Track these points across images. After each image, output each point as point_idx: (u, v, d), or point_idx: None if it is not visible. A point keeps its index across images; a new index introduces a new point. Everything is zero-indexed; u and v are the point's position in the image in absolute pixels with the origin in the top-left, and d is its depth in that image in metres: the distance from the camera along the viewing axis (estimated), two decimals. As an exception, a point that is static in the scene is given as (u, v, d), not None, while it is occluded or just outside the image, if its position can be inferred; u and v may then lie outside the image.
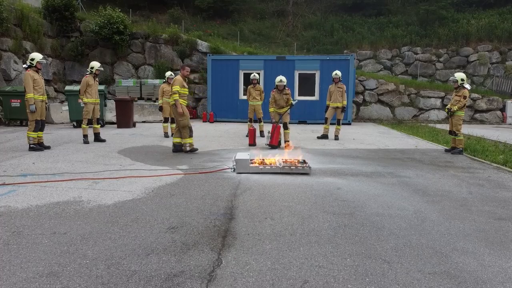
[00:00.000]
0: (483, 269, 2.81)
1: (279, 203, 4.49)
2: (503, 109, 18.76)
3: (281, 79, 9.24)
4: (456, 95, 8.71)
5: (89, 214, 3.92)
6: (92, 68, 9.27)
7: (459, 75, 8.69)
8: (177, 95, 7.78)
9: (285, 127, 9.26)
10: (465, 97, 8.59)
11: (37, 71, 7.80)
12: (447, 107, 9.04)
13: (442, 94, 18.87)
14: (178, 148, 8.08)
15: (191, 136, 8.04)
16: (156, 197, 4.61)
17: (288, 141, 8.84)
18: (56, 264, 2.76)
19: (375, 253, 3.04)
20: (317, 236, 3.41)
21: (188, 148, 8.01)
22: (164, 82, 11.21)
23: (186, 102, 8.18)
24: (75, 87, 12.83)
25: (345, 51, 21.83)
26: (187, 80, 8.37)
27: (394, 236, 3.45)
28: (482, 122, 18.60)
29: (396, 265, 2.84)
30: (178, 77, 7.96)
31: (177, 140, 8.08)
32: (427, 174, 6.33)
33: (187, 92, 8.23)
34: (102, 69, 9.66)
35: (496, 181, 5.93)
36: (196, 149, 8.13)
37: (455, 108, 8.63)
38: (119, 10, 18.56)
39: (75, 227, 3.54)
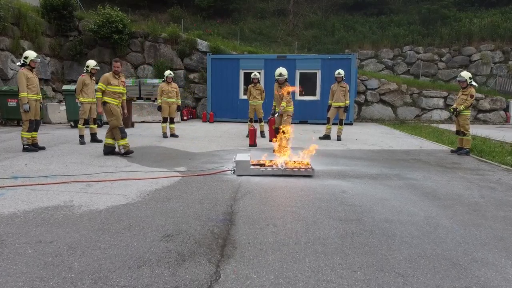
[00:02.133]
0: (508, 284, 2.56)
1: (282, 207, 4.25)
2: (506, 109, 18.51)
3: (280, 72, 8.44)
4: (462, 94, 8.47)
5: (79, 221, 3.67)
6: (87, 67, 9.04)
7: (467, 74, 8.45)
8: (100, 93, 7.22)
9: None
10: (471, 96, 8.36)
11: (31, 70, 7.56)
12: (452, 106, 8.79)
13: (445, 94, 18.62)
14: (109, 150, 7.45)
15: (123, 137, 7.30)
16: (151, 201, 4.37)
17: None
18: (38, 278, 2.51)
19: (387, 265, 2.79)
20: (323, 245, 3.16)
21: (122, 151, 7.31)
22: (163, 81, 10.98)
23: (118, 101, 7.37)
24: (73, 87, 12.57)
25: (346, 51, 21.58)
26: (120, 76, 7.47)
27: (407, 245, 3.20)
28: (485, 122, 18.35)
29: (411, 279, 2.59)
30: (108, 73, 7.34)
31: (109, 141, 7.44)
32: (435, 176, 6.08)
33: (120, 90, 7.38)
34: (98, 68, 9.42)
35: (508, 183, 5.68)
36: (132, 151, 7.37)
37: (461, 107, 8.39)
38: (118, 9, 18.34)
39: (62, 235, 3.29)
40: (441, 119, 18.37)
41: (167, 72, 10.80)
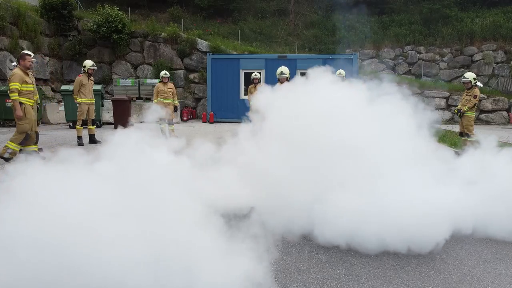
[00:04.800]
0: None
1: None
2: (509, 110, 18.40)
3: (281, 71, 8.26)
4: (467, 94, 8.36)
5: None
6: (84, 67, 8.92)
7: (471, 75, 8.35)
8: (16, 94, 6.29)
9: None
10: (475, 96, 8.25)
11: (27, 70, 7.43)
12: (457, 107, 8.67)
13: (447, 94, 18.50)
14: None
15: (36, 143, 6.63)
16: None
17: None
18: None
19: (396, 277, 2.66)
20: (327, 253, 3.03)
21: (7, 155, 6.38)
22: (159, 81, 10.87)
23: (33, 101, 6.65)
24: (71, 87, 12.48)
25: (347, 50, 21.46)
26: (32, 72, 6.87)
27: (414, 253, 3.07)
28: (487, 122, 18.23)
29: (421, 292, 2.46)
30: (17, 70, 6.42)
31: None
32: (439, 179, 5.94)
33: (33, 88, 6.67)
34: (95, 68, 9.29)
35: (515, 187, 5.54)
36: None
37: (465, 108, 8.28)
38: (118, 8, 18.21)
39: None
40: (442, 119, 18.23)
41: (163, 72, 10.69)
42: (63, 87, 13.41)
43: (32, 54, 7.50)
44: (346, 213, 2.95)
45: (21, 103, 6.44)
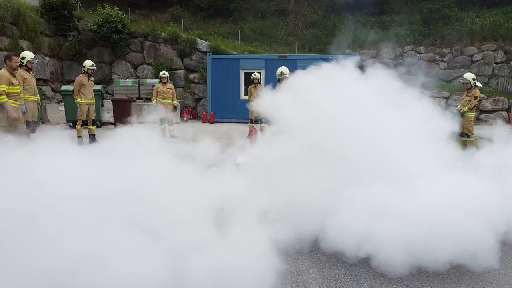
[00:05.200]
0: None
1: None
2: (509, 110, 18.41)
3: (281, 71, 8.27)
4: (467, 95, 8.37)
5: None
6: (84, 67, 8.93)
7: (470, 75, 8.36)
8: (5, 96, 6.19)
9: None
10: (476, 97, 8.26)
11: (28, 71, 7.45)
12: (457, 108, 8.69)
13: (447, 94, 18.51)
14: None
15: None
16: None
17: None
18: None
19: (395, 277, 2.67)
20: (326, 254, 3.04)
21: None
22: (159, 81, 10.90)
23: (18, 103, 6.53)
24: (71, 87, 12.49)
25: (347, 51, 21.47)
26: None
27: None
28: (487, 122, 18.23)
29: (420, 292, 2.47)
30: (3, 72, 6.32)
31: None
32: (439, 179, 5.95)
33: (19, 90, 6.53)
34: (94, 68, 9.30)
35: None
36: None
37: (465, 109, 8.29)
38: (118, 8, 18.21)
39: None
40: (442, 119, 18.23)
41: (162, 73, 10.74)
42: (63, 87, 13.43)
43: (32, 55, 7.55)
44: (357, 213, 2.52)
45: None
